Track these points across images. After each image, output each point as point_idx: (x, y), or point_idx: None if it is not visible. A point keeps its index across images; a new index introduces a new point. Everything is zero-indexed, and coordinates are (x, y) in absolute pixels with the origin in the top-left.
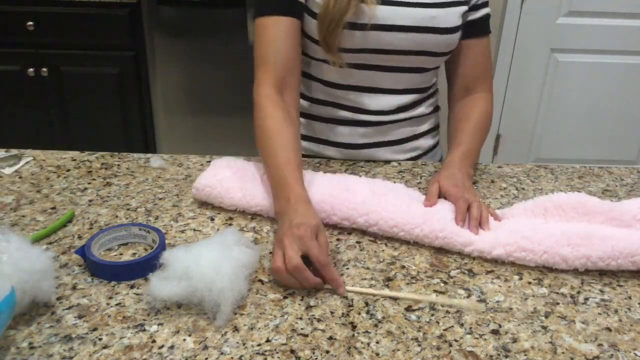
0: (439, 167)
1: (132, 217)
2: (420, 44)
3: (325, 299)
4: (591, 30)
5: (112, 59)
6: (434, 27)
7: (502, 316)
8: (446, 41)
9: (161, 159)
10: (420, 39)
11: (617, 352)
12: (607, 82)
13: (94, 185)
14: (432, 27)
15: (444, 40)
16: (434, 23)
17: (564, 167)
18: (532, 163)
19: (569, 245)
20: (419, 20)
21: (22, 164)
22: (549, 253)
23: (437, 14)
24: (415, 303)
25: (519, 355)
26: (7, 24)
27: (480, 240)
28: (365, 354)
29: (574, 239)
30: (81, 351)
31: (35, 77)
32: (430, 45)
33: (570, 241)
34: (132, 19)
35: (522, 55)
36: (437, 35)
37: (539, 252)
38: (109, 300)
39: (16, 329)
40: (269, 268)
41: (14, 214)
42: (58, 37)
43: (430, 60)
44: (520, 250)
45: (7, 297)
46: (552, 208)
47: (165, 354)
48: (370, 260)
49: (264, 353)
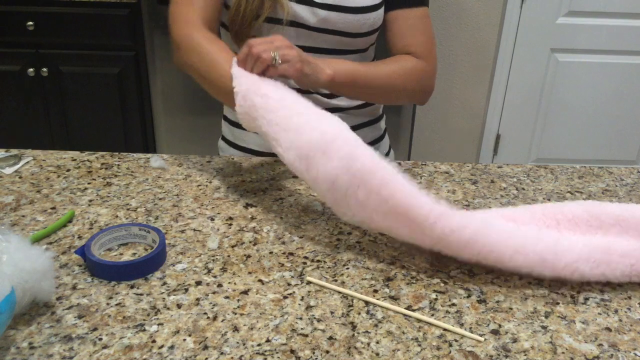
0: (439, 167)
1: (132, 217)
2: (331, 24)
3: (325, 299)
4: (591, 30)
5: (112, 59)
6: (341, 5)
7: (502, 316)
8: (358, 21)
9: (161, 159)
10: (329, 17)
11: (617, 352)
12: (607, 82)
13: (94, 185)
14: (340, 5)
15: (353, 20)
16: (341, 2)
17: (564, 167)
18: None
19: (589, 260)
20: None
21: (22, 164)
22: (568, 268)
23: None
24: (416, 303)
25: (519, 355)
26: (7, 24)
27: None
28: (365, 354)
29: (595, 254)
30: (81, 351)
31: (35, 77)
32: (341, 25)
33: (590, 256)
34: (132, 19)
35: (522, 55)
36: (347, 14)
37: (559, 266)
38: (109, 300)
39: (16, 329)
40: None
41: (14, 214)
42: (58, 37)
43: (347, 41)
44: (542, 262)
45: (7, 297)
46: (565, 222)
47: (165, 354)
48: (370, 260)
49: (264, 353)
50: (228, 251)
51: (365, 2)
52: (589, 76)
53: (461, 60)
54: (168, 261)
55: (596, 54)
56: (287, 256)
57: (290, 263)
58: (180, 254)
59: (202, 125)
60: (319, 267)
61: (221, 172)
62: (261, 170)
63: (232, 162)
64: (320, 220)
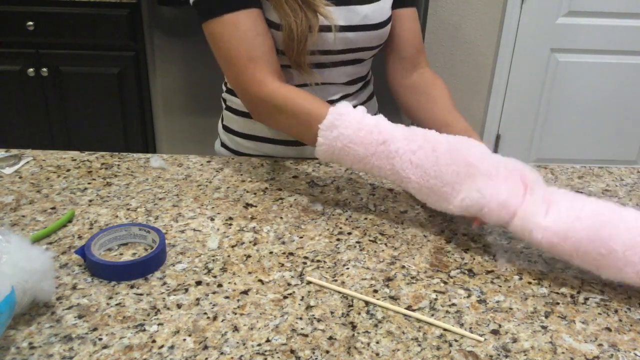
0: None
1: (132, 217)
2: (354, 43)
3: (325, 299)
4: (591, 30)
5: (112, 59)
6: (366, 24)
7: (502, 316)
8: (379, 35)
9: (161, 159)
10: (354, 37)
11: (617, 352)
12: (607, 82)
13: (94, 185)
14: (364, 24)
15: (377, 35)
16: (366, 21)
17: (564, 167)
18: (532, 163)
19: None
20: (350, 20)
21: (22, 164)
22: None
23: (369, 11)
24: (416, 303)
25: (519, 355)
26: (7, 24)
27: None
28: (365, 354)
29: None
30: (81, 351)
31: (35, 77)
32: (363, 42)
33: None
34: (132, 19)
35: (522, 55)
36: (370, 32)
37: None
38: (109, 300)
39: (16, 329)
40: (269, 268)
41: (14, 214)
42: (58, 37)
43: (367, 53)
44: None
45: (7, 297)
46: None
47: (165, 354)
48: (370, 260)
49: (264, 353)
50: (228, 251)
51: (385, 16)
52: (589, 76)
53: (461, 60)
54: (168, 261)
55: (596, 54)
56: (287, 256)
57: (290, 263)
58: (180, 254)
59: (202, 125)
60: (319, 267)
61: (221, 172)
62: (261, 170)
63: (232, 162)
64: (320, 220)
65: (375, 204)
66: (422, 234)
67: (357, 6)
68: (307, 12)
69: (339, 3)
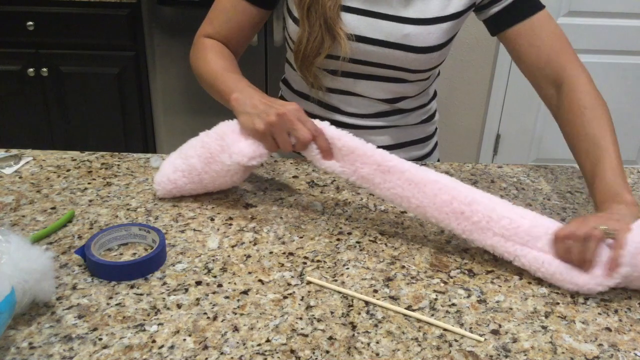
0: (439, 167)
1: (132, 217)
2: (392, 59)
3: (325, 299)
4: (591, 30)
5: (112, 59)
6: (406, 44)
7: (502, 316)
8: (420, 60)
9: (161, 159)
10: (391, 54)
11: (617, 352)
12: (607, 82)
13: (94, 185)
14: (404, 44)
15: (417, 58)
16: (406, 41)
17: (564, 167)
18: (532, 163)
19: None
20: (389, 35)
21: (22, 164)
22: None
23: (412, 32)
24: (416, 303)
25: (519, 355)
26: (7, 24)
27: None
28: (365, 354)
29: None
30: (81, 351)
31: (35, 77)
32: (401, 62)
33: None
34: (132, 19)
35: None
36: (409, 53)
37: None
38: (109, 300)
39: (16, 329)
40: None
41: (14, 214)
42: (58, 37)
43: (407, 74)
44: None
45: (7, 297)
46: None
47: (165, 354)
48: (370, 260)
49: (264, 353)
50: (228, 251)
51: (431, 42)
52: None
53: (461, 59)
54: (168, 261)
55: (596, 54)
56: (287, 256)
57: (290, 263)
58: (180, 254)
59: (202, 125)
60: (319, 267)
61: None
62: (261, 170)
63: None
64: (320, 220)
65: (375, 204)
66: (422, 234)
67: (400, 24)
68: (324, 35)
69: (380, 17)
